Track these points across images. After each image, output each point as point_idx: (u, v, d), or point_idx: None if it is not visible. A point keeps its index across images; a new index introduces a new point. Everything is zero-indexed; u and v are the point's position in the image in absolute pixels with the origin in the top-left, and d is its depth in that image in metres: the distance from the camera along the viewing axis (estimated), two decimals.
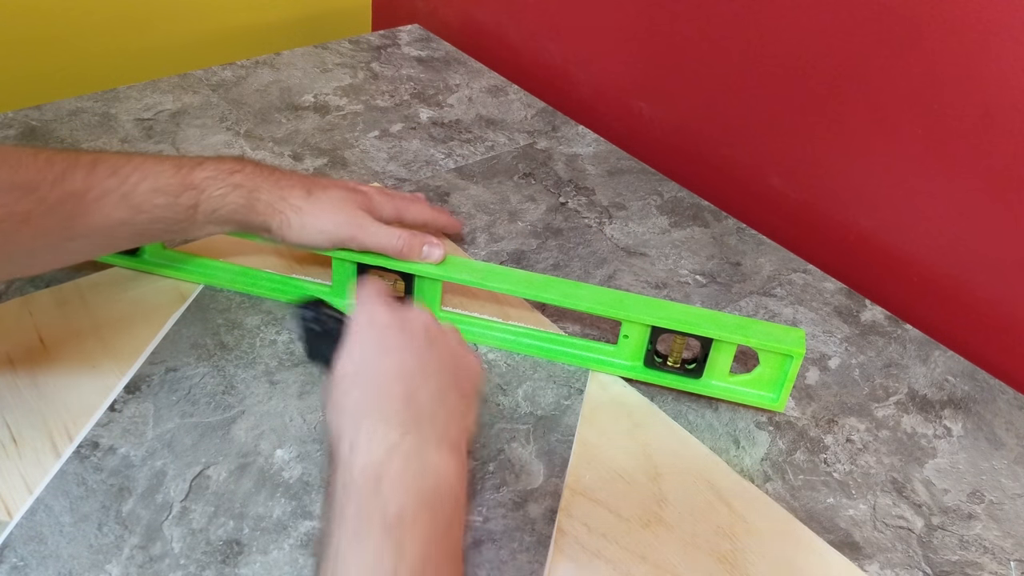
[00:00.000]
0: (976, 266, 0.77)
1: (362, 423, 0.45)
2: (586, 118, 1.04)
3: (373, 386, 0.48)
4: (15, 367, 0.63)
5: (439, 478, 0.45)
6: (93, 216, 0.57)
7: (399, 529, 0.42)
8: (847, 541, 0.59)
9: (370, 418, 0.46)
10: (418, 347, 0.50)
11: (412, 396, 0.47)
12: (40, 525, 0.53)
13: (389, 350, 0.49)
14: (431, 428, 0.46)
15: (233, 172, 0.63)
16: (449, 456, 0.46)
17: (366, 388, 0.47)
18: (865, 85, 0.79)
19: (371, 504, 0.42)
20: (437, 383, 0.49)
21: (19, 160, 0.54)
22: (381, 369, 0.48)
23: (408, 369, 0.48)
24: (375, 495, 0.43)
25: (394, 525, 0.42)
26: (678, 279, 0.80)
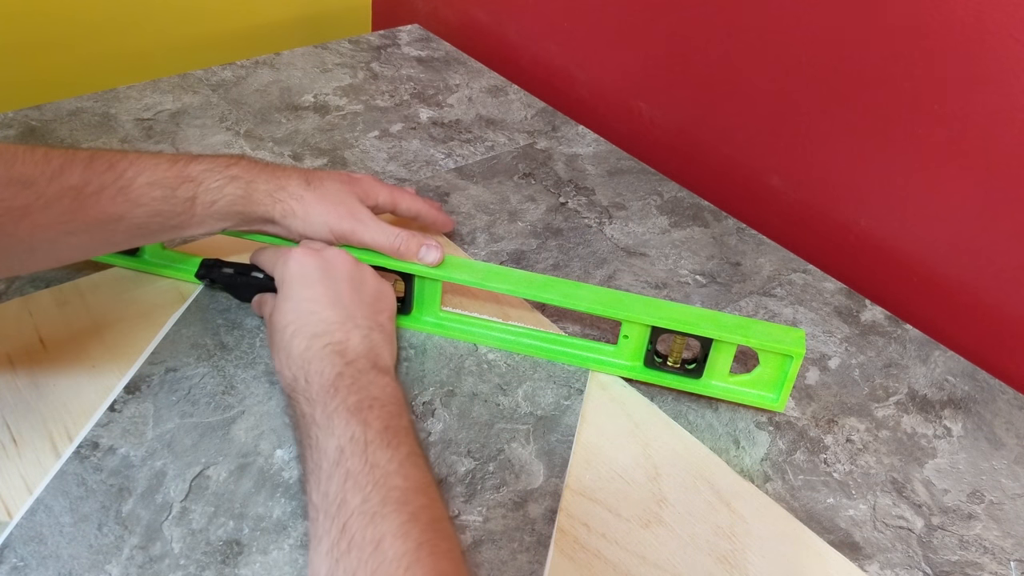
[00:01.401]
0: (976, 266, 0.77)
1: (310, 364, 0.55)
2: (586, 118, 1.04)
3: (312, 333, 0.57)
4: (15, 367, 0.63)
5: (382, 388, 0.55)
6: (91, 210, 0.57)
7: (360, 412, 0.52)
8: (847, 541, 0.59)
9: (316, 360, 0.56)
10: (344, 293, 0.60)
11: (346, 338, 0.57)
12: (40, 525, 0.53)
13: (320, 300, 0.59)
14: (366, 359, 0.57)
15: (230, 165, 0.64)
16: (384, 375, 0.56)
17: (307, 336, 0.57)
18: (865, 85, 0.79)
19: (333, 403, 0.52)
20: (364, 322, 0.59)
21: (15, 156, 0.54)
22: (318, 318, 0.58)
23: (340, 315, 0.59)
24: (334, 397, 0.53)
25: (355, 410, 0.52)
26: (678, 279, 0.80)
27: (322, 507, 0.48)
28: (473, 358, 0.69)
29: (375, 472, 0.48)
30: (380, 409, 0.53)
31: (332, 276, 0.61)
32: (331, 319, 0.58)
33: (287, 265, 0.61)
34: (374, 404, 0.53)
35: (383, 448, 0.50)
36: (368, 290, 0.62)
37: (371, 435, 0.50)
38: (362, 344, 0.58)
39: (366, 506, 0.47)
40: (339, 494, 0.48)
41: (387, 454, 0.50)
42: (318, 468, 0.50)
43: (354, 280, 0.62)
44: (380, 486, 0.48)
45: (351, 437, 0.50)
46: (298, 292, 0.60)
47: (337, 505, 0.47)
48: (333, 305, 0.59)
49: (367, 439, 0.50)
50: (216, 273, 0.68)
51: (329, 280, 0.60)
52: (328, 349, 0.56)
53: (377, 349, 0.58)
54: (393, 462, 0.49)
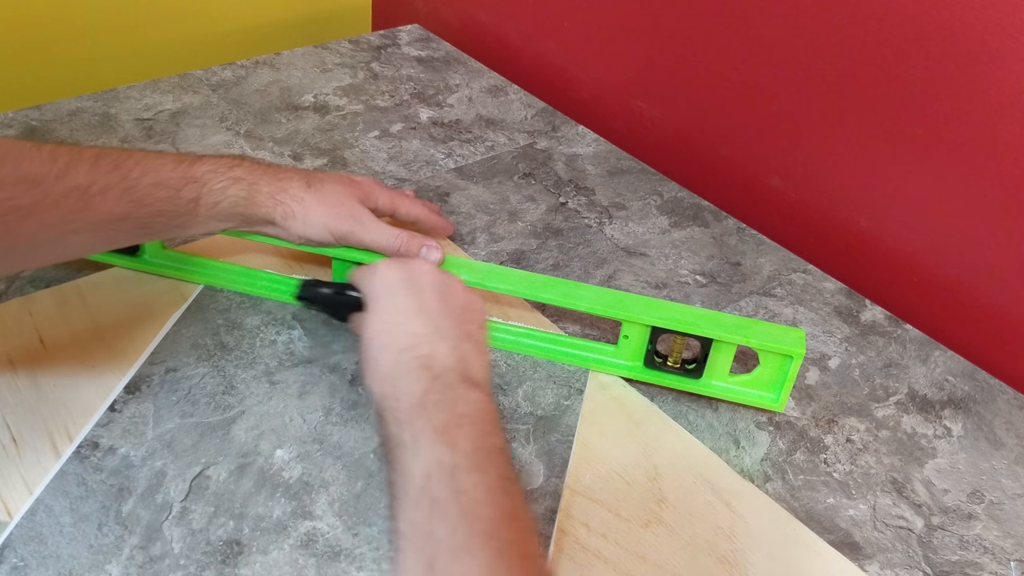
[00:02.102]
0: (976, 266, 0.77)
1: (398, 380, 0.52)
2: (586, 118, 1.04)
3: (399, 347, 0.54)
4: (15, 367, 0.63)
5: (471, 403, 0.51)
6: (96, 210, 0.57)
7: (447, 433, 0.48)
8: (847, 541, 0.59)
9: (404, 375, 0.52)
10: (431, 304, 0.57)
11: (434, 351, 0.54)
12: (40, 525, 0.53)
13: (406, 312, 0.56)
14: (455, 372, 0.53)
15: (232, 166, 0.64)
16: (475, 390, 0.52)
17: (395, 350, 0.54)
18: (866, 85, 0.79)
19: (420, 424, 0.49)
20: (453, 333, 0.56)
21: (22, 154, 0.54)
22: (404, 331, 0.55)
23: (427, 326, 0.55)
24: (421, 417, 0.49)
25: (441, 431, 0.48)
26: (678, 279, 0.80)
27: (409, 537, 0.45)
28: None
29: (461, 500, 0.45)
30: (469, 428, 0.49)
31: (417, 286, 0.58)
32: (418, 331, 0.55)
33: (373, 278, 0.59)
34: (462, 423, 0.49)
35: (471, 472, 0.46)
36: (456, 300, 0.59)
37: (458, 458, 0.47)
38: (450, 356, 0.54)
39: (453, 539, 0.43)
40: (426, 525, 0.45)
41: (474, 479, 0.46)
42: (405, 495, 0.47)
43: (440, 290, 0.58)
44: (466, 516, 0.45)
45: (437, 461, 0.47)
46: (384, 304, 0.57)
47: (423, 537, 0.44)
48: (419, 316, 0.56)
49: (454, 463, 0.47)
50: (314, 293, 0.65)
51: (414, 291, 0.58)
52: (416, 363, 0.53)
53: (467, 361, 0.54)
54: (480, 488, 0.46)
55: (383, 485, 0.58)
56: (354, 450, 0.61)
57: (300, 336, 0.69)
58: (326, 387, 0.65)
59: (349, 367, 0.67)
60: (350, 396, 0.65)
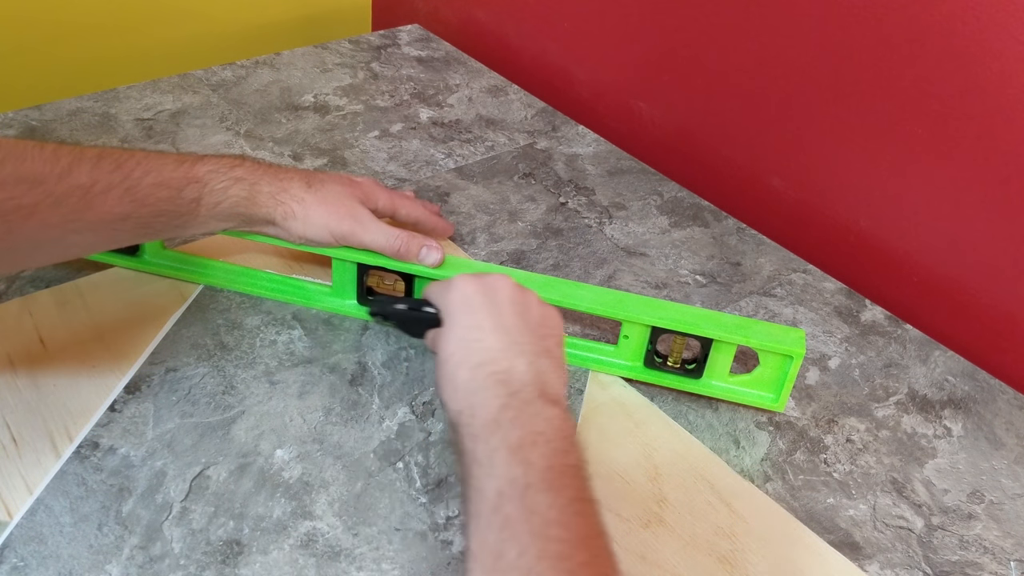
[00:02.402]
0: (976, 266, 0.77)
1: (474, 396, 0.52)
2: (586, 118, 1.04)
3: (476, 362, 0.53)
4: (15, 367, 0.63)
5: (548, 420, 0.50)
6: (97, 209, 0.57)
7: (521, 451, 0.47)
8: (847, 541, 0.59)
9: (480, 391, 0.52)
10: (508, 319, 0.56)
11: (511, 366, 0.53)
12: (40, 525, 0.53)
13: (483, 327, 0.55)
14: (533, 388, 0.52)
15: (234, 166, 0.64)
16: (552, 406, 0.51)
17: (471, 365, 0.53)
18: (865, 85, 0.79)
19: (495, 440, 0.48)
20: (530, 348, 0.55)
21: (24, 153, 0.54)
22: (481, 346, 0.54)
23: (504, 341, 0.54)
24: (496, 433, 0.49)
25: (516, 448, 0.48)
26: (678, 279, 0.80)
27: (479, 557, 0.44)
28: None
29: (534, 520, 0.44)
30: (544, 446, 0.48)
31: (494, 301, 0.57)
32: (495, 346, 0.54)
33: (449, 293, 0.58)
34: (538, 440, 0.48)
35: (544, 492, 0.45)
36: (533, 315, 0.58)
37: (532, 477, 0.46)
38: (528, 372, 0.53)
39: (522, 561, 0.42)
40: (496, 545, 0.44)
41: (547, 499, 0.45)
42: (477, 513, 0.46)
43: (517, 304, 0.57)
44: (538, 537, 0.43)
45: (511, 479, 0.46)
46: (460, 320, 0.56)
47: (494, 557, 0.43)
48: (496, 331, 0.55)
49: (527, 481, 0.46)
50: (389, 310, 0.65)
51: (491, 305, 0.57)
52: (493, 379, 0.52)
53: (544, 376, 0.53)
54: (553, 508, 0.45)
55: (383, 485, 0.58)
56: (354, 450, 0.61)
57: (300, 336, 0.69)
58: (326, 387, 0.65)
59: (349, 367, 0.67)
60: (350, 396, 0.65)
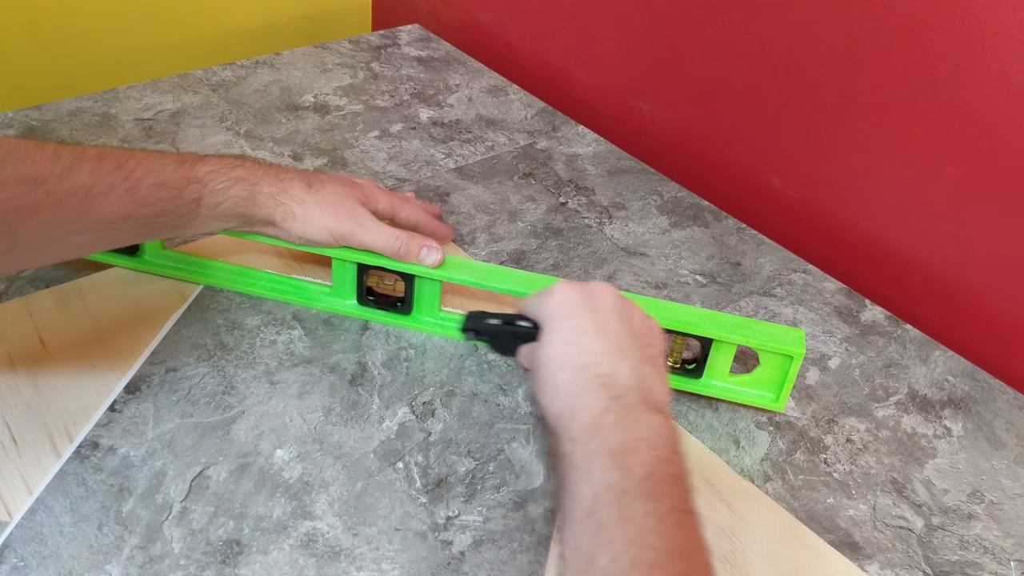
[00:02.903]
0: (976, 266, 0.77)
1: (576, 399, 0.51)
2: (586, 118, 1.04)
3: (578, 365, 0.53)
4: (15, 367, 0.63)
5: (650, 427, 0.49)
6: (98, 210, 0.57)
7: (622, 456, 0.46)
8: (847, 541, 0.59)
9: (582, 394, 0.51)
10: (611, 324, 0.55)
11: (614, 371, 0.52)
12: (40, 525, 0.53)
13: (586, 331, 0.54)
14: (636, 393, 0.51)
15: (234, 167, 0.64)
16: (655, 413, 0.50)
17: (573, 368, 0.53)
18: (865, 85, 0.79)
19: (594, 443, 0.47)
20: (634, 354, 0.54)
21: (26, 153, 0.54)
22: (584, 350, 0.54)
23: (606, 346, 0.54)
24: (596, 437, 0.48)
25: (616, 453, 0.46)
26: (678, 279, 0.80)
27: (572, 562, 0.44)
28: (473, 358, 0.69)
29: (629, 527, 0.43)
30: (646, 453, 0.47)
31: (596, 307, 0.56)
32: (597, 350, 0.53)
33: (550, 300, 0.57)
34: (639, 447, 0.47)
35: (642, 499, 0.44)
36: (636, 323, 0.57)
37: (630, 483, 0.45)
38: (631, 377, 0.52)
39: (614, 567, 0.41)
40: (588, 550, 0.43)
41: (646, 506, 0.44)
42: (571, 518, 0.45)
43: (620, 312, 0.56)
44: (632, 544, 0.42)
45: (608, 484, 0.45)
46: (562, 324, 0.55)
47: (585, 562, 0.43)
48: (599, 336, 0.54)
49: (624, 487, 0.45)
50: (482, 325, 0.63)
51: (593, 311, 0.56)
52: (595, 382, 0.51)
53: (648, 383, 0.52)
54: (650, 517, 0.43)
55: (383, 485, 0.58)
56: (354, 450, 0.61)
57: (300, 336, 0.69)
58: (326, 387, 0.65)
59: (349, 367, 0.67)
60: (350, 396, 0.65)
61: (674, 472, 0.47)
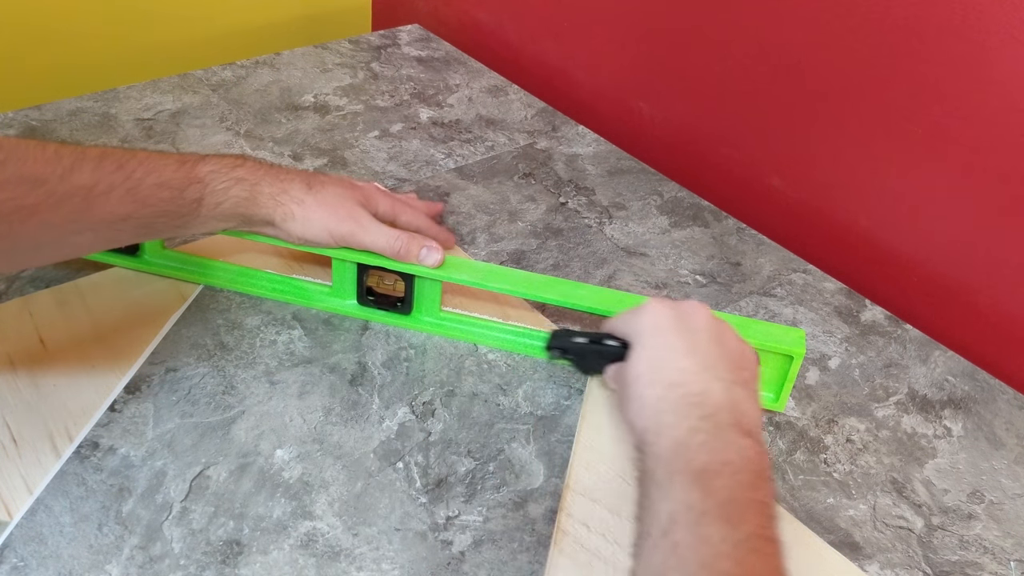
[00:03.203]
0: (976, 266, 0.77)
1: (664, 415, 0.50)
2: (586, 118, 1.04)
3: (668, 382, 0.52)
4: (15, 367, 0.63)
5: (739, 450, 0.48)
6: (99, 210, 0.57)
7: (705, 477, 0.45)
8: (847, 541, 0.59)
9: (671, 411, 0.50)
10: (703, 344, 0.55)
11: (705, 390, 0.51)
12: (40, 525, 0.53)
13: (678, 349, 0.54)
14: (727, 414, 0.50)
15: (235, 167, 0.64)
16: (745, 436, 0.49)
17: (663, 385, 0.52)
18: (865, 85, 0.79)
19: (678, 463, 0.47)
20: (726, 376, 0.53)
21: (27, 153, 0.54)
22: (675, 367, 0.53)
23: (698, 365, 0.53)
24: (681, 457, 0.47)
25: (699, 473, 0.46)
26: (678, 279, 0.80)
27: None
28: (473, 358, 0.69)
29: (703, 550, 0.42)
30: (730, 477, 0.46)
31: (689, 326, 0.56)
32: (689, 368, 0.53)
33: (642, 317, 0.57)
34: (723, 470, 0.46)
35: (720, 523, 0.43)
36: (731, 345, 0.56)
37: (710, 505, 0.44)
38: (723, 397, 0.51)
39: None
40: (661, 569, 0.42)
41: (722, 531, 0.43)
42: (647, 535, 0.45)
43: (713, 332, 0.56)
44: (705, 568, 0.41)
45: (687, 504, 0.44)
46: (653, 341, 0.55)
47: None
48: (691, 354, 0.54)
49: (704, 509, 0.44)
50: (568, 344, 0.63)
51: (686, 330, 0.55)
52: (685, 401, 0.51)
53: (740, 405, 0.51)
54: (728, 542, 0.42)
55: (383, 485, 0.58)
56: (354, 450, 0.61)
57: (300, 336, 0.69)
58: (326, 387, 0.65)
59: (349, 367, 0.67)
60: (350, 396, 0.65)
61: (758, 498, 0.46)
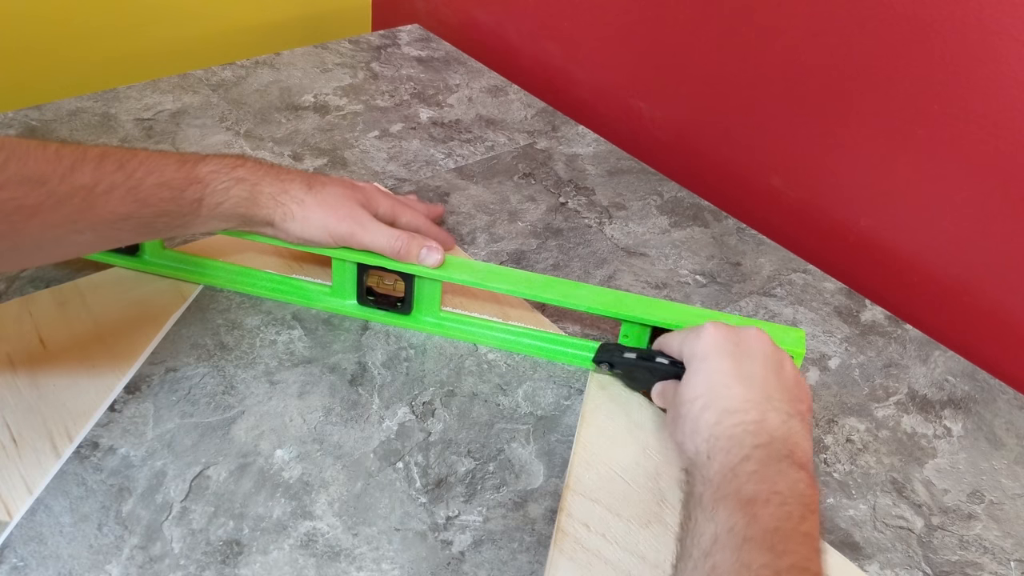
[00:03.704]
0: (976, 266, 0.77)
1: (718, 441, 0.51)
2: (586, 118, 1.04)
3: (724, 408, 0.52)
4: (15, 367, 0.63)
5: (790, 482, 0.48)
6: (100, 210, 0.57)
7: (752, 506, 0.45)
8: (847, 541, 0.59)
9: (725, 437, 0.51)
10: (762, 372, 0.55)
11: (762, 419, 0.51)
12: (40, 525, 0.53)
13: (736, 376, 0.54)
14: (782, 445, 0.50)
15: (236, 167, 0.64)
16: (798, 469, 0.49)
17: (718, 411, 0.52)
18: (866, 85, 0.79)
19: (727, 489, 0.47)
20: (783, 407, 0.53)
21: (28, 152, 0.54)
22: (732, 393, 0.53)
23: (757, 393, 0.53)
24: (731, 482, 0.47)
25: (747, 502, 0.46)
26: (678, 279, 0.80)
27: None
28: (473, 358, 0.69)
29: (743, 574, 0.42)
30: (778, 507, 0.46)
31: (748, 354, 0.56)
32: (746, 396, 0.53)
33: (700, 339, 0.57)
34: (772, 499, 0.46)
35: (763, 550, 0.43)
36: (788, 375, 0.56)
37: (754, 532, 0.44)
38: (780, 428, 0.51)
39: None
40: None
41: (765, 558, 0.43)
42: (688, 555, 0.45)
43: (772, 361, 0.56)
44: None
45: (730, 528, 0.45)
46: (711, 365, 0.55)
47: None
48: (748, 383, 0.54)
49: (747, 535, 0.44)
50: (617, 359, 0.64)
51: (745, 357, 0.55)
52: (740, 428, 0.51)
53: (795, 438, 0.51)
54: (768, 569, 0.42)
55: (383, 485, 0.58)
56: (354, 450, 0.61)
57: (300, 336, 0.69)
58: (326, 387, 0.65)
59: (349, 367, 0.67)
60: (350, 396, 0.65)
61: (804, 531, 0.46)
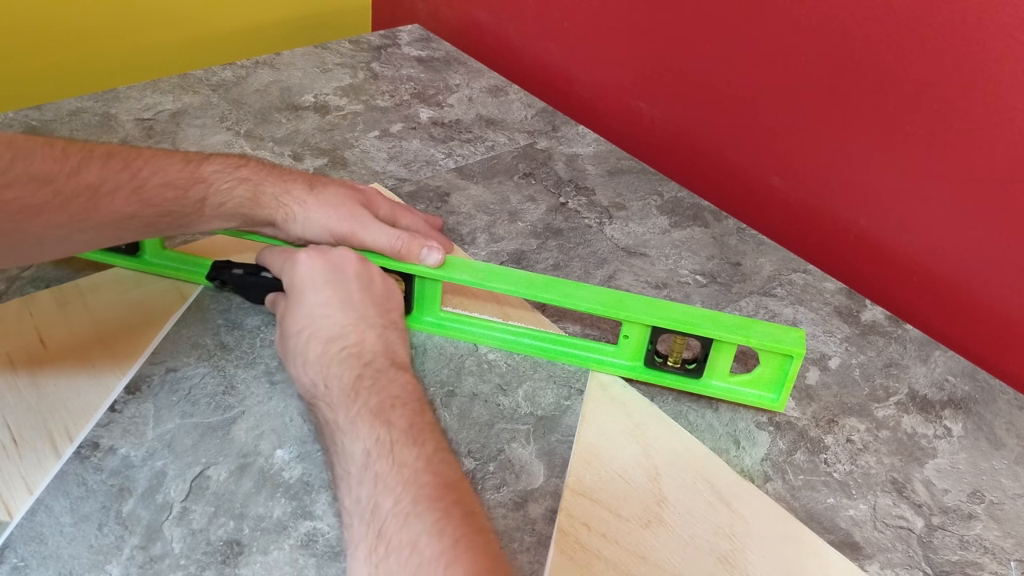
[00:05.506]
0: (976, 266, 0.77)
1: (328, 369, 0.55)
2: (586, 118, 1.04)
3: (327, 338, 0.57)
4: (15, 367, 0.63)
5: (401, 385, 0.55)
6: (104, 209, 0.57)
7: (382, 413, 0.52)
8: (847, 541, 0.59)
9: (334, 364, 0.55)
10: (356, 294, 0.60)
11: (362, 339, 0.57)
12: (40, 526, 0.54)
13: (333, 304, 0.59)
14: (384, 358, 0.56)
15: (239, 167, 0.64)
16: (403, 372, 0.56)
17: (322, 340, 0.57)
18: (866, 85, 0.79)
19: (355, 406, 0.52)
20: (377, 321, 0.59)
21: (34, 151, 0.54)
22: (332, 322, 0.58)
23: (353, 316, 0.59)
24: (356, 401, 0.53)
25: (377, 411, 0.52)
26: (678, 279, 0.80)
27: (355, 512, 0.48)
28: (473, 358, 0.69)
29: (403, 472, 0.48)
30: (402, 408, 0.52)
31: (341, 278, 0.61)
32: (344, 322, 0.58)
33: (295, 269, 0.61)
34: (396, 403, 0.53)
35: (409, 446, 0.50)
36: (377, 288, 0.62)
37: (396, 435, 0.50)
38: (378, 343, 0.57)
39: (398, 507, 0.46)
40: (371, 498, 0.47)
41: (414, 452, 0.49)
42: (347, 474, 0.50)
43: (362, 279, 0.62)
44: (410, 485, 0.47)
45: (376, 439, 0.50)
46: (309, 297, 0.60)
47: (371, 510, 0.47)
48: (344, 307, 0.59)
49: (392, 439, 0.50)
50: (227, 275, 0.68)
51: (338, 282, 0.60)
52: (344, 353, 0.56)
53: (393, 347, 0.58)
54: (420, 459, 0.49)
55: None
56: None
57: None
58: None
59: None
60: None
61: (429, 420, 0.53)
